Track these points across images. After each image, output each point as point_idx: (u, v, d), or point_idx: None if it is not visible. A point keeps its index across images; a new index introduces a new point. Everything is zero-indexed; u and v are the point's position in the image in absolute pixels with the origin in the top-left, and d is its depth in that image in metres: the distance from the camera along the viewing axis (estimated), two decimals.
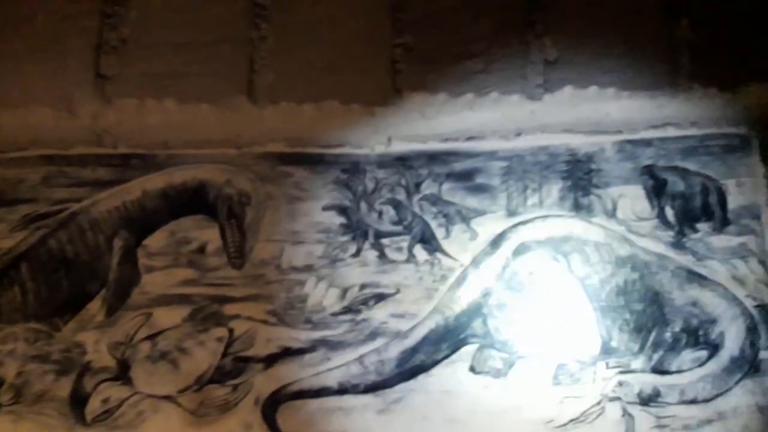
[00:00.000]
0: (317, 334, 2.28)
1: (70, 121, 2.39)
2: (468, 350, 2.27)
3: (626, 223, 2.34)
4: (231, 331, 2.28)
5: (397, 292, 2.31)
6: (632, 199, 2.35)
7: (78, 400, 2.20)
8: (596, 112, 2.36)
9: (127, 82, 2.43)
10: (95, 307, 2.30)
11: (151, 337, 2.27)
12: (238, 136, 2.43)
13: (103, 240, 2.36)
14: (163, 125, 2.41)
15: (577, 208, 2.36)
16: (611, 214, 2.35)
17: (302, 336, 2.27)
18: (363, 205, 2.39)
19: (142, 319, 2.29)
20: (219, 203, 2.38)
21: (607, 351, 2.25)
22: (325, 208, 2.39)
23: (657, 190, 2.35)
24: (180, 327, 2.28)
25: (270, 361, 2.25)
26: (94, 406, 2.20)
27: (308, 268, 2.33)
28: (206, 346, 2.26)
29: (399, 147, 2.43)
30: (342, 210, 2.39)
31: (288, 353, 2.26)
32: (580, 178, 2.37)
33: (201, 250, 2.35)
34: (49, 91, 2.40)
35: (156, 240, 2.38)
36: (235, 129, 2.41)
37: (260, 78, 2.41)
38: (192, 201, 2.40)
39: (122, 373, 2.23)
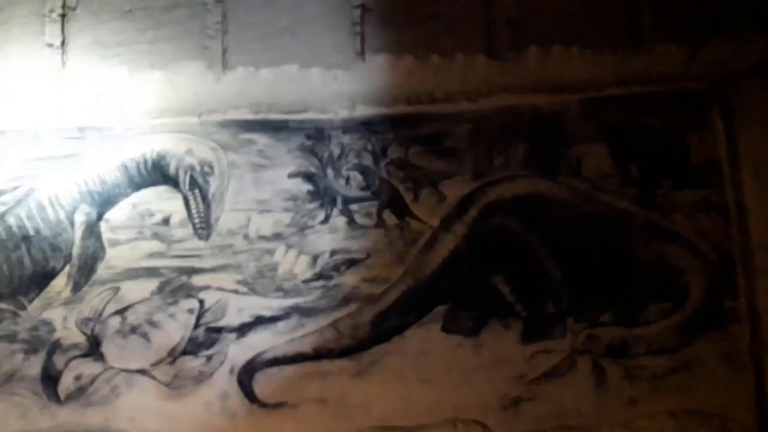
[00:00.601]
0: (289, 302, 2.33)
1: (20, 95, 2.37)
2: (440, 311, 2.34)
3: (592, 180, 2.41)
4: (201, 302, 2.31)
5: (368, 257, 2.38)
6: (597, 157, 2.41)
7: (50, 379, 2.23)
8: (560, 70, 2.40)
9: (77, 50, 2.40)
10: (60, 284, 2.31)
11: (120, 312, 2.29)
12: (197, 104, 2.43)
13: (64, 215, 2.34)
14: (117, 95, 2.38)
15: (543, 167, 2.41)
16: (576, 172, 2.42)
17: (274, 304, 2.32)
18: (330, 172, 2.43)
19: (110, 294, 2.30)
20: (181, 173, 2.40)
21: (575, 306, 2.33)
22: (291, 176, 2.43)
23: (621, 148, 2.41)
24: (149, 300, 2.30)
25: (243, 330, 2.30)
26: (66, 383, 2.22)
27: (277, 237, 2.38)
28: (177, 319, 2.28)
29: (363, 111, 2.44)
30: (308, 177, 2.43)
31: (261, 322, 2.31)
32: (545, 138, 2.42)
33: (165, 221, 2.38)
34: None
35: (118, 213, 2.38)
36: (193, 96, 2.41)
37: (215, 43, 2.38)
38: (153, 173, 2.40)
39: (93, 349, 2.25)
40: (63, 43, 2.40)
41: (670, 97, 2.43)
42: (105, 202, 2.38)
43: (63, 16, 2.41)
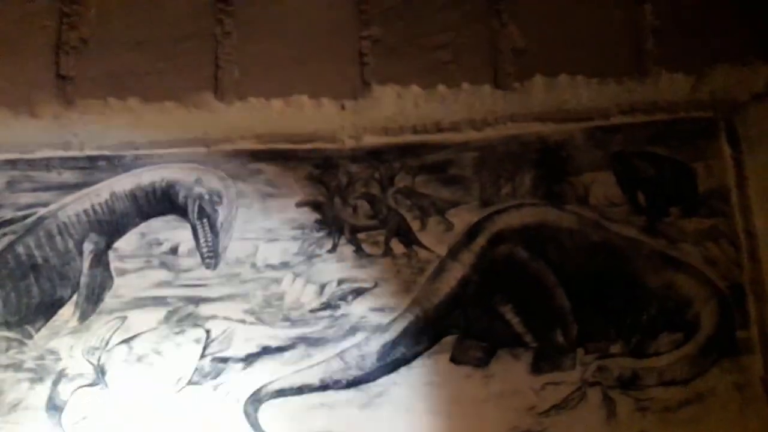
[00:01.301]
0: (296, 332, 2.26)
1: (32, 124, 2.30)
2: (449, 341, 2.28)
3: (599, 209, 2.36)
4: (208, 332, 2.27)
5: (375, 286, 2.30)
6: (604, 185, 2.36)
7: (55, 408, 2.21)
8: (566, 99, 2.35)
9: (89, 81, 2.32)
10: (68, 313, 2.30)
11: (126, 341, 2.27)
12: (206, 134, 2.36)
13: (72, 244, 2.34)
14: (129, 125, 2.31)
15: (550, 195, 2.37)
16: (584, 200, 2.36)
17: (281, 334, 2.26)
18: (337, 201, 2.37)
19: (117, 323, 2.28)
20: (189, 203, 2.35)
21: (585, 336, 2.28)
22: (299, 205, 2.36)
23: (628, 176, 2.37)
24: (156, 330, 2.28)
25: (249, 360, 2.24)
26: (71, 413, 2.20)
27: (284, 266, 2.32)
28: (183, 348, 2.26)
29: (371, 140, 2.40)
30: (316, 206, 2.36)
31: (267, 352, 2.25)
32: (552, 166, 2.37)
33: (173, 251, 2.33)
34: (9, 93, 2.29)
35: (127, 242, 2.34)
36: (202, 127, 2.35)
37: (226, 74, 2.30)
38: (162, 202, 2.36)
39: (99, 379, 2.23)
40: (76, 74, 2.36)
41: (676, 125, 2.41)
42: (114, 231, 2.35)
43: (75, 48, 2.38)
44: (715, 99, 2.40)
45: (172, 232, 2.35)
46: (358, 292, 2.30)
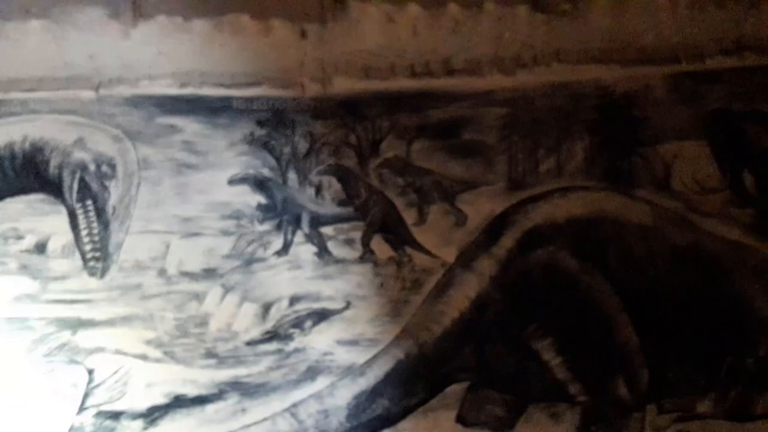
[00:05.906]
0: (225, 374, 1.90)
1: None
2: (455, 391, 1.94)
3: (684, 196, 2.02)
4: (91, 372, 1.91)
5: (347, 307, 1.97)
6: (693, 161, 2.02)
7: None
8: (641, 30, 2.02)
9: None
10: None
11: None
12: (95, 71, 2.01)
13: None
14: None
15: (614, 175, 2.03)
16: (663, 183, 2.02)
17: (202, 377, 1.91)
18: (292, 176, 2.04)
19: None
20: (65, 175, 1.99)
21: (660, 388, 1.91)
22: (233, 182, 2.02)
23: (730, 147, 2.04)
24: (12, 368, 1.85)
25: (153, 416, 1.89)
26: None
27: (209, 274, 1.97)
28: (54, 396, 1.87)
29: (344, 85, 2.06)
30: (259, 184, 2.03)
31: (181, 404, 1.89)
32: (616, 131, 2.03)
33: (40, 248, 1.98)
34: None
35: None
36: (87, 60, 2.00)
37: None
38: (23, 173, 2.00)
39: None
40: None
41: None
42: None
43: None
44: None
45: (39, 219, 2.00)
46: (321, 316, 1.97)
